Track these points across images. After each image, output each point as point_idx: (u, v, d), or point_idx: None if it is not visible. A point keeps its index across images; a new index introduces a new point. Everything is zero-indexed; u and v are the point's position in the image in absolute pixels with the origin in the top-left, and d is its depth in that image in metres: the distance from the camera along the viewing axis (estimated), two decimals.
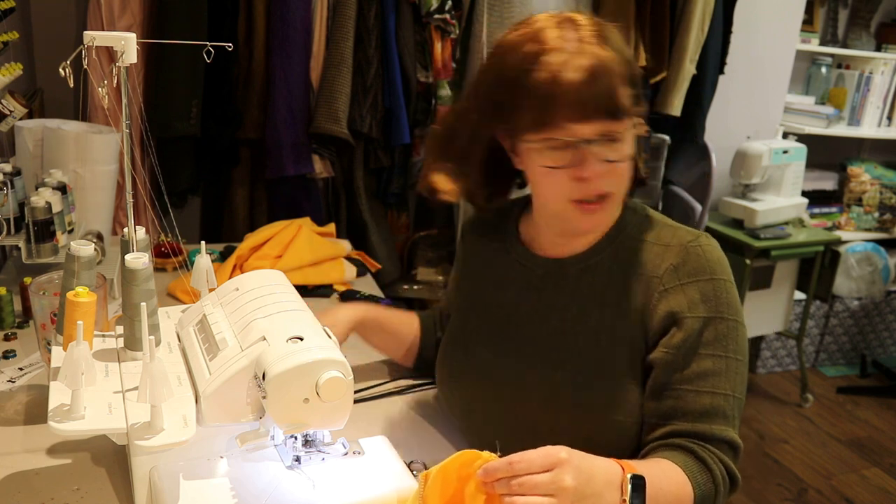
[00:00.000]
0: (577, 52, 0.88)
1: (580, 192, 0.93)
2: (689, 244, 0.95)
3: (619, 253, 0.99)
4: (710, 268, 0.94)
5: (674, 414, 0.91)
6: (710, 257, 0.95)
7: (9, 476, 0.92)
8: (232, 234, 2.21)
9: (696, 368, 0.91)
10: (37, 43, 2.10)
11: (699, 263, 0.94)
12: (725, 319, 0.92)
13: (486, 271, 1.10)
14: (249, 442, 0.82)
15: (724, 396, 0.91)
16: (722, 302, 0.93)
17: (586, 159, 0.91)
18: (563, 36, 0.90)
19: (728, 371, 0.91)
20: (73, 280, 0.86)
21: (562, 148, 0.91)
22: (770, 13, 2.86)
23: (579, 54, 0.88)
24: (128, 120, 0.86)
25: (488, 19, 2.17)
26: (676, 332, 0.92)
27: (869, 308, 3.39)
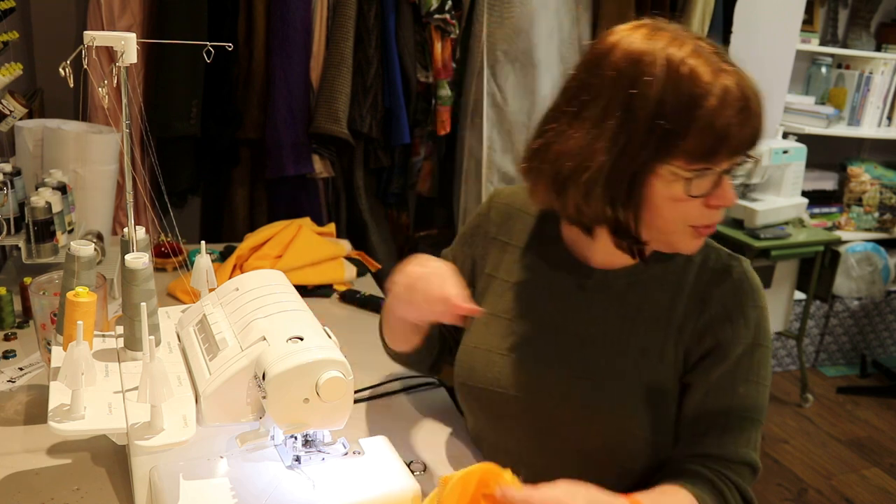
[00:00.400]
0: (737, 83, 0.85)
1: (708, 218, 0.89)
2: (735, 269, 0.96)
3: (668, 271, 0.98)
4: (754, 296, 0.95)
5: (704, 436, 0.93)
6: (754, 284, 0.96)
7: (9, 476, 0.92)
8: (232, 234, 2.21)
9: (731, 394, 0.93)
10: (37, 43, 2.10)
11: (745, 290, 0.95)
12: (762, 347, 0.94)
13: (525, 274, 1.05)
14: (249, 442, 0.82)
15: (751, 421, 0.93)
16: (762, 330, 0.94)
17: (725, 187, 0.88)
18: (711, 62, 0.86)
19: (758, 396, 0.94)
20: (73, 280, 0.86)
21: (700, 176, 0.86)
22: (770, 13, 2.86)
23: (740, 86, 0.85)
24: (128, 120, 0.86)
25: (488, 19, 2.16)
26: (718, 358, 0.93)
27: (869, 308, 3.39)
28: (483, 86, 2.20)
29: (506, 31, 2.16)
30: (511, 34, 2.16)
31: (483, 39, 2.18)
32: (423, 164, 2.35)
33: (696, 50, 0.85)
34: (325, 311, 1.55)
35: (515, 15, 2.15)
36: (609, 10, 2.27)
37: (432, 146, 2.35)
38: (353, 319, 1.53)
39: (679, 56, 0.84)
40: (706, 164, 0.85)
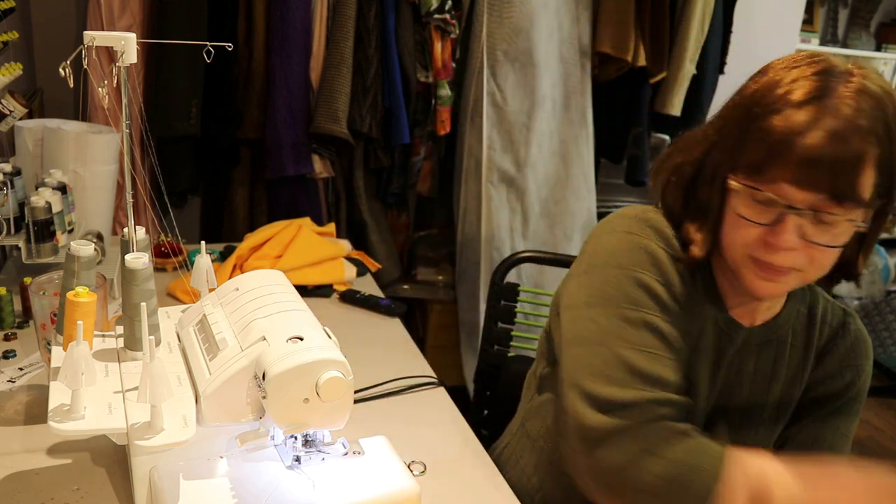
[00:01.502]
0: (832, 114, 0.77)
1: (765, 254, 0.83)
2: (850, 325, 0.99)
3: (797, 328, 0.98)
4: (867, 352, 0.99)
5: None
6: (868, 342, 0.99)
7: (9, 476, 0.92)
8: (232, 234, 2.21)
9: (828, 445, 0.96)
10: (37, 43, 2.10)
11: (861, 347, 0.99)
12: (861, 403, 0.98)
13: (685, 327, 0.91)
14: (249, 442, 0.82)
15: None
16: (866, 389, 0.98)
17: (784, 227, 0.81)
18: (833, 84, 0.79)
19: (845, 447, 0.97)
20: (73, 280, 0.86)
21: (764, 203, 0.81)
22: (770, 13, 2.86)
23: (832, 117, 0.77)
24: (128, 120, 0.86)
25: (488, 19, 2.16)
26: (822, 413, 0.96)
27: (869, 308, 3.39)
28: (483, 85, 2.20)
29: (506, 31, 2.16)
30: (511, 34, 2.17)
31: (483, 39, 2.18)
32: (423, 164, 2.35)
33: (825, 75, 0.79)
34: (325, 311, 1.55)
35: (515, 15, 2.15)
36: (609, 9, 2.27)
37: (432, 146, 2.35)
38: (353, 319, 1.53)
39: (794, 74, 0.81)
40: (758, 181, 0.81)
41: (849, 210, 0.79)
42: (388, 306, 1.55)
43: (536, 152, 2.30)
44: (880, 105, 0.78)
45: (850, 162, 0.77)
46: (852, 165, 0.77)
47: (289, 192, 2.22)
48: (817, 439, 0.96)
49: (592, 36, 2.32)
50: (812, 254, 0.82)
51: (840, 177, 0.77)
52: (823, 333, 0.97)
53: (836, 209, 0.79)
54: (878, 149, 0.78)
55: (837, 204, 0.79)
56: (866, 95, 0.78)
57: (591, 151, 2.41)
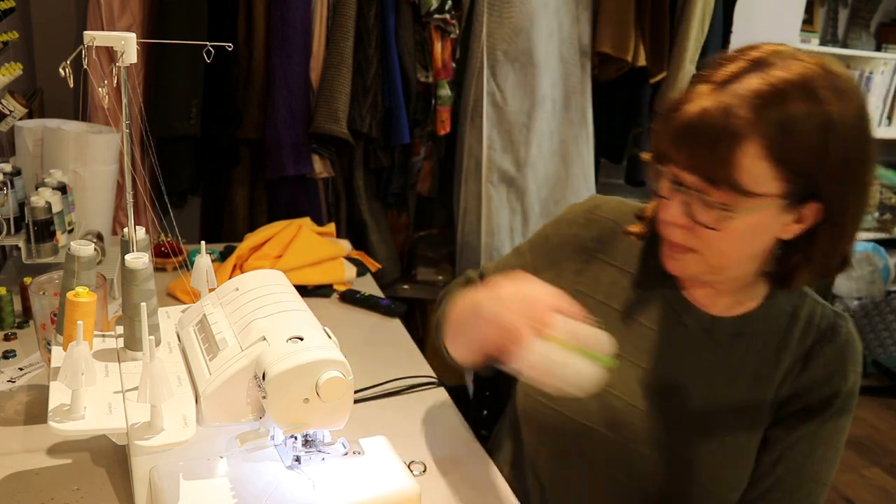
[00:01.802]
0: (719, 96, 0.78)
1: (661, 230, 0.88)
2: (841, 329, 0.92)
3: (772, 325, 0.93)
4: (855, 359, 0.92)
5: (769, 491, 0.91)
6: (857, 346, 0.93)
7: (9, 476, 0.92)
8: (232, 234, 2.21)
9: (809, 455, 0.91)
10: (37, 43, 2.10)
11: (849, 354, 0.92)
12: (849, 412, 0.92)
13: (628, 304, 0.98)
14: (249, 442, 0.82)
15: (823, 485, 0.92)
16: (853, 395, 0.92)
17: (671, 202, 0.83)
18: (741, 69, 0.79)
19: (834, 460, 0.92)
20: (73, 280, 0.86)
21: (667, 179, 0.84)
22: (770, 13, 2.86)
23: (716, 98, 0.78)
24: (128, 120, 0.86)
25: (488, 19, 2.16)
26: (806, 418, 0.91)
27: (869, 308, 3.39)
28: (483, 85, 2.20)
29: (506, 31, 2.16)
30: (511, 34, 2.16)
31: (483, 39, 2.18)
32: (422, 164, 2.35)
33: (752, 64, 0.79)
34: (325, 311, 1.55)
35: (515, 15, 2.15)
36: (609, 9, 2.27)
37: (432, 146, 2.35)
38: (353, 319, 1.53)
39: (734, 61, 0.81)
40: (656, 159, 0.84)
41: (728, 195, 0.79)
42: (388, 306, 1.55)
43: (536, 152, 2.30)
44: (782, 99, 0.76)
45: (717, 144, 0.77)
46: (723, 148, 0.77)
47: (289, 192, 2.22)
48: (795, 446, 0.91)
49: (592, 36, 2.32)
50: (702, 235, 0.83)
51: (708, 159, 0.78)
52: (809, 335, 0.92)
53: (714, 193, 0.79)
54: (764, 140, 0.76)
55: (713, 186, 0.79)
56: (772, 88, 0.76)
57: (591, 151, 2.41)
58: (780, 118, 0.76)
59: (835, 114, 0.76)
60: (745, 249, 0.84)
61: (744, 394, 0.92)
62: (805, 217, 0.82)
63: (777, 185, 0.78)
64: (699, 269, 0.88)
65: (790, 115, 0.76)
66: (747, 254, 0.85)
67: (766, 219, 0.81)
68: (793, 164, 0.77)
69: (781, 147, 0.76)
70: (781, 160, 0.77)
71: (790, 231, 0.83)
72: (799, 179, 0.78)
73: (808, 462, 0.90)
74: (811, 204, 0.80)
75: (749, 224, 0.81)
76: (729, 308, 0.94)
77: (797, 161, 0.77)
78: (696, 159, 0.80)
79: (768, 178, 0.78)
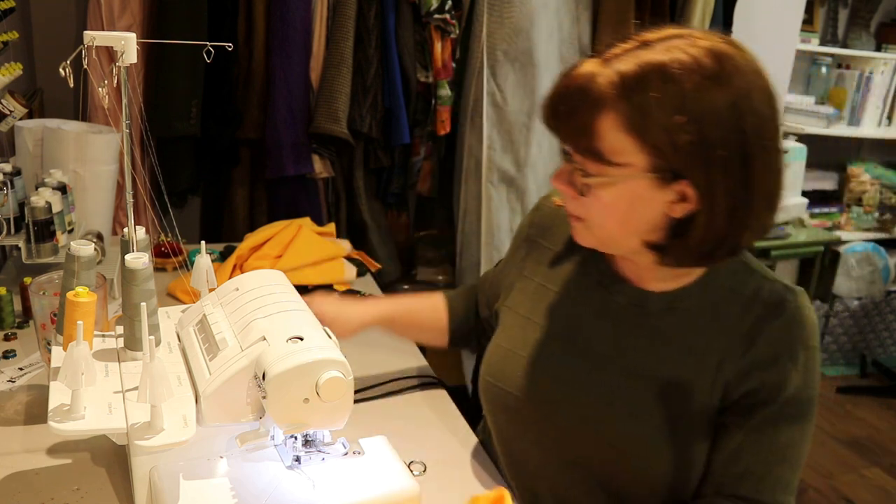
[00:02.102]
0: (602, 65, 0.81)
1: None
2: (789, 306, 0.89)
3: (710, 301, 0.91)
4: (806, 335, 0.89)
5: (741, 481, 0.88)
6: (807, 322, 0.89)
7: (9, 476, 0.92)
8: (232, 234, 2.21)
9: (772, 439, 0.88)
10: (37, 43, 2.10)
11: (797, 331, 0.88)
12: (810, 390, 0.89)
13: (563, 283, 1.01)
14: (249, 442, 0.82)
15: (791, 467, 0.89)
16: (811, 373, 0.88)
17: (560, 169, 0.88)
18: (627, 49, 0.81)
19: (802, 441, 0.89)
20: (73, 280, 0.86)
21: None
22: (770, 13, 2.86)
23: (581, 73, 0.81)
24: (128, 120, 0.86)
25: (488, 19, 2.16)
26: (761, 401, 0.88)
27: (869, 308, 3.39)
28: (483, 85, 2.20)
29: (506, 31, 2.16)
30: (511, 34, 2.16)
31: (483, 39, 2.18)
32: (423, 164, 2.35)
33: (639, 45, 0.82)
34: None
35: (515, 15, 2.15)
36: (609, 9, 2.27)
37: (432, 146, 2.35)
38: None
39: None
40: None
41: (592, 164, 0.82)
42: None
43: (536, 152, 2.30)
44: (645, 80, 0.77)
45: (577, 111, 0.81)
46: (583, 115, 0.80)
47: (289, 192, 2.22)
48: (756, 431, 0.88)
49: (592, 36, 2.32)
50: (583, 204, 0.86)
51: (572, 126, 0.82)
52: (751, 312, 0.89)
53: (580, 160, 0.83)
54: (621, 114, 0.78)
55: (579, 153, 0.83)
56: (639, 68, 0.78)
57: None
58: (639, 97, 0.78)
59: (700, 99, 0.77)
60: (623, 221, 0.85)
61: (675, 369, 0.90)
62: (690, 197, 0.81)
63: (640, 157, 0.80)
64: (590, 239, 0.90)
65: (648, 95, 0.77)
66: (626, 226, 0.85)
67: (638, 191, 0.82)
68: (651, 140, 0.79)
69: (638, 123, 0.78)
70: (639, 135, 0.79)
71: (678, 209, 0.82)
72: (660, 156, 0.79)
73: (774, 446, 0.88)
74: (683, 183, 0.80)
75: (620, 195, 0.82)
76: (662, 283, 0.93)
77: (654, 138, 0.78)
78: (562, 126, 0.84)
79: (629, 150, 0.80)
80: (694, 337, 0.90)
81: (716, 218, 0.81)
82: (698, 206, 0.81)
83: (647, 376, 0.91)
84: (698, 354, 0.90)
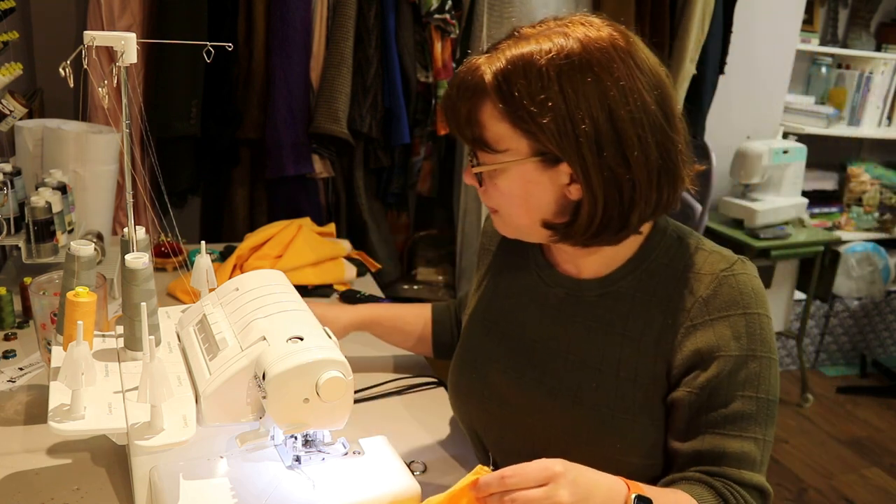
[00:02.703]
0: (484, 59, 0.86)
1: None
2: (722, 273, 0.87)
3: (643, 280, 0.91)
4: (744, 301, 0.86)
5: (700, 458, 0.86)
6: (743, 289, 0.86)
7: (9, 476, 0.92)
8: (232, 234, 2.21)
9: (724, 411, 0.85)
10: (37, 43, 2.10)
11: (731, 296, 0.86)
12: (758, 357, 0.85)
13: (506, 283, 1.04)
14: (249, 442, 0.82)
15: (753, 440, 0.85)
16: (755, 338, 0.85)
17: (466, 166, 0.92)
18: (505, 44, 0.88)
19: (758, 413, 0.85)
20: (73, 280, 0.86)
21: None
22: (770, 13, 2.86)
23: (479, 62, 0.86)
24: (128, 120, 0.86)
25: (488, 19, 2.16)
26: (703, 372, 0.85)
27: (869, 308, 3.39)
28: None
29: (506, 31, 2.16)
30: None
31: (483, 39, 2.17)
32: (423, 164, 2.35)
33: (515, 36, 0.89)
34: None
35: (515, 15, 2.15)
36: (609, 9, 2.27)
37: (432, 146, 2.35)
38: None
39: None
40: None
41: (484, 154, 0.88)
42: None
43: None
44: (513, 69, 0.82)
45: (461, 102, 0.86)
46: (465, 106, 0.86)
47: (289, 192, 2.22)
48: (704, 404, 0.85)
49: None
50: (490, 195, 0.91)
51: (458, 119, 0.87)
52: (686, 285, 0.87)
53: (478, 153, 0.88)
54: (495, 104, 0.83)
55: (470, 145, 0.89)
56: (512, 57, 0.83)
57: None
58: (507, 86, 0.82)
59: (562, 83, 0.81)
60: (524, 206, 0.89)
61: (619, 351, 0.90)
62: (575, 178, 0.85)
63: (521, 143, 0.85)
64: (507, 229, 0.94)
65: (516, 82, 0.82)
66: (529, 212, 0.89)
67: (527, 175, 0.86)
68: (523, 125, 0.83)
69: (510, 111, 0.83)
70: (513, 121, 0.84)
71: (574, 191, 0.86)
72: (535, 140, 0.83)
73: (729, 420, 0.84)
74: (564, 165, 0.84)
75: (512, 180, 0.87)
76: (595, 270, 0.94)
77: (525, 123, 0.83)
78: (451, 120, 0.89)
79: (509, 137, 0.85)
80: (633, 319, 0.90)
81: (596, 196, 0.84)
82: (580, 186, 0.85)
83: (590, 366, 0.92)
84: (636, 336, 0.90)
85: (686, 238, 0.93)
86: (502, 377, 0.98)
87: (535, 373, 0.96)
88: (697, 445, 0.86)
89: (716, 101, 2.64)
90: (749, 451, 0.85)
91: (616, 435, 0.89)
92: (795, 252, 2.89)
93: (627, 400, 0.89)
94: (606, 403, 0.89)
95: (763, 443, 0.86)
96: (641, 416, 0.89)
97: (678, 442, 0.88)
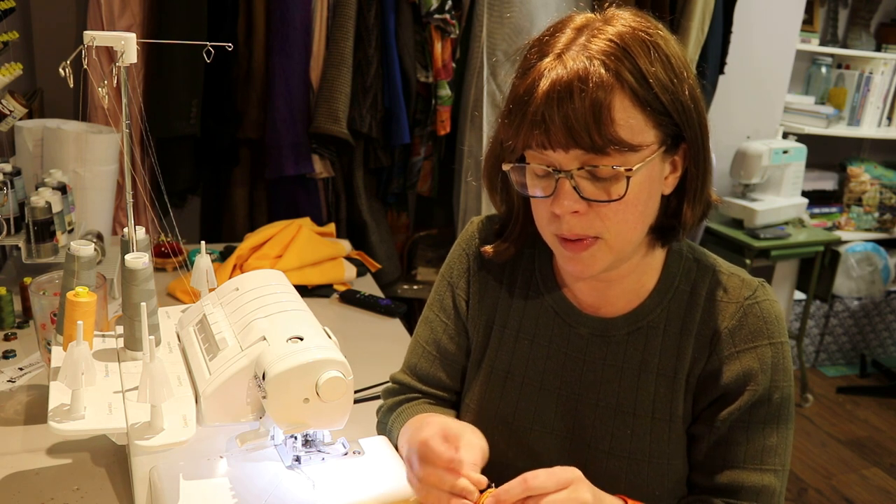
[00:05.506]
0: (566, 58, 0.75)
1: (557, 229, 0.80)
2: (747, 302, 0.84)
3: (672, 311, 0.86)
4: (769, 330, 0.84)
5: (718, 492, 0.84)
6: (768, 317, 0.84)
7: (9, 476, 0.92)
8: (232, 234, 2.21)
9: (748, 445, 0.83)
10: (37, 43, 2.10)
11: (757, 326, 0.83)
12: (780, 388, 0.83)
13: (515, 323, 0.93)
14: (249, 442, 0.82)
15: (774, 472, 0.84)
16: (779, 369, 0.83)
17: (560, 192, 0.77)
18: (573, 37, 0.76)
19: (778, 444, 0.84)
20: (73, 280, 0.86)
21: (542, 175, 0.79)
22: (770, 13, 2.86)
23: (563, 62, 0.74)
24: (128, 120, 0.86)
25: (488, 19, 2.16)
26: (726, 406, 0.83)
27: (869, 308, 3.39)
28: (483, 86, 2.20)
29: (506, 31, 2.16)
30: (511, 34, 2.16)
31: (483, 39, 2.18)
32: (423, 164, 2.35)
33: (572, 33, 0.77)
34: (325, 311, 1.55)
35: (515, 15, 2.15)
36: None
37: (432, 146, 2.35)
38: (353, 319, 1.53)
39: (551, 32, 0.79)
40: (519, 159, 0.80)
41: (617, 157, 0.75)
42: (388, 306, 1.55)
43: None
44: (628, 50, 0.74)
45: (586, 113, 0.73)
46: (591, 116, 0.73)
47: (289, 192, 2.22)
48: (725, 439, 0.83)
49: None
50: (602, 214, 0.77)
51: (586, 126, 0.73)
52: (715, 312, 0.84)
53: (603, 160, 0.75)
54: (625, 91, 0.74)
55: (600, 155, 0.75)
56: (614, 43, 0.74)
57: None
58: (633, 67, 0.74)
59: (671, 55, 0.77)
60: (643, 215, 0.80)
61: (654, 391, 0.86)
62: (677, 165, 0.81)
63: (653, 132, 0.76)
64: (606, 258, 0.81)
65: (639, 62, 0.75)
66: (644, 218, 0.80)
67: (653, 173, 0.78)
68: (657, 106, 0.75)
69: (643, 93, 0.74)
70: (647, 106, 0.75)
71: (670, 184, 0.81)
72: (666, 121, 0.77)
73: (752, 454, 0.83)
74: (682, 147, 0.80)
75: (642, 183, 0.77)
76: (620, 306, 0.88)
77: (660, 102, 0.75)
78: (572, 131, 0.74)
79: (644, 127, 0.75)
80: (665, 354, 0.86)
81: (704, 172, 0.81)
82: (687, 168, 0.80)
83: (625, 411, 0.86)
84: (670, 372, 0.85)
85: (702, 259, 0.89)
86: (529, 434, 0.90)
87: (561, 424, 0.89)
88: (716, 479, 0.85)
89: (716, 101, 2.64)
90: (769, 483, 0.83)
91: (652, 484, 0.85)
92: (795, 252, 2.89)
93: (663, 443, 0.85)
94: (641, 449, 0.85)
95: (782, 472, 0.85)
96: (675, 457, 0.86)
97: (697, 474, 0.86)
